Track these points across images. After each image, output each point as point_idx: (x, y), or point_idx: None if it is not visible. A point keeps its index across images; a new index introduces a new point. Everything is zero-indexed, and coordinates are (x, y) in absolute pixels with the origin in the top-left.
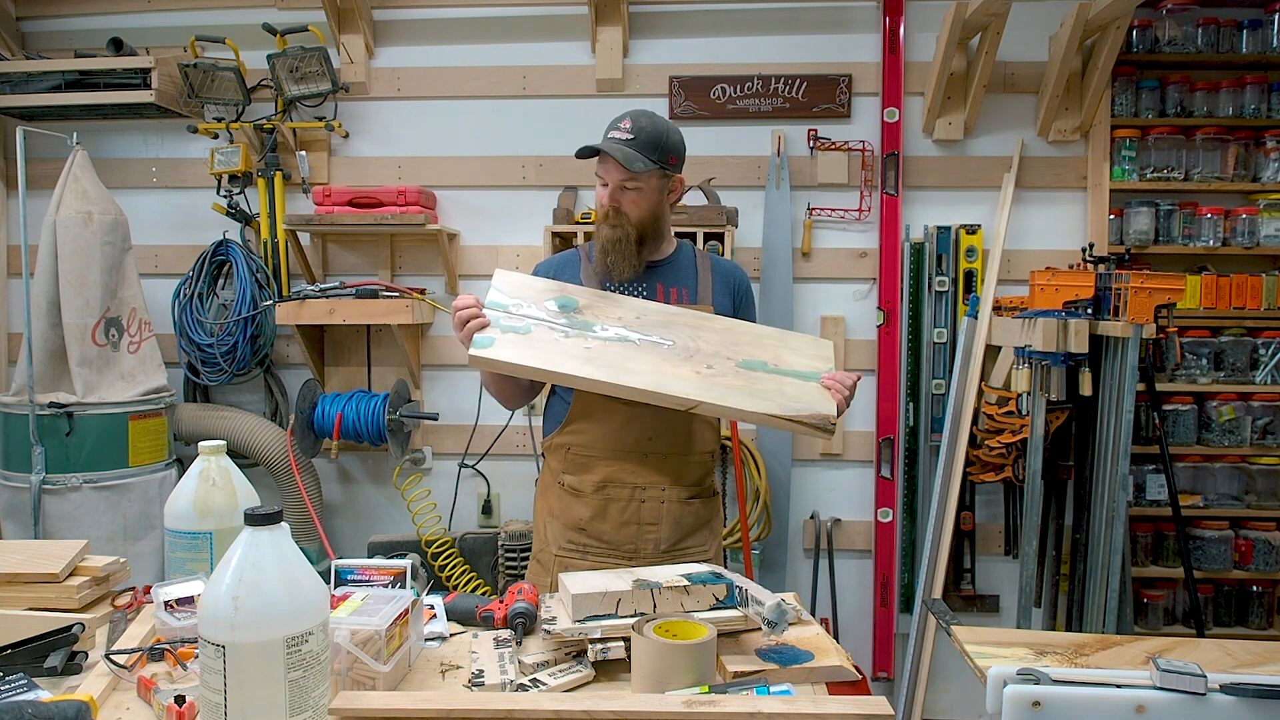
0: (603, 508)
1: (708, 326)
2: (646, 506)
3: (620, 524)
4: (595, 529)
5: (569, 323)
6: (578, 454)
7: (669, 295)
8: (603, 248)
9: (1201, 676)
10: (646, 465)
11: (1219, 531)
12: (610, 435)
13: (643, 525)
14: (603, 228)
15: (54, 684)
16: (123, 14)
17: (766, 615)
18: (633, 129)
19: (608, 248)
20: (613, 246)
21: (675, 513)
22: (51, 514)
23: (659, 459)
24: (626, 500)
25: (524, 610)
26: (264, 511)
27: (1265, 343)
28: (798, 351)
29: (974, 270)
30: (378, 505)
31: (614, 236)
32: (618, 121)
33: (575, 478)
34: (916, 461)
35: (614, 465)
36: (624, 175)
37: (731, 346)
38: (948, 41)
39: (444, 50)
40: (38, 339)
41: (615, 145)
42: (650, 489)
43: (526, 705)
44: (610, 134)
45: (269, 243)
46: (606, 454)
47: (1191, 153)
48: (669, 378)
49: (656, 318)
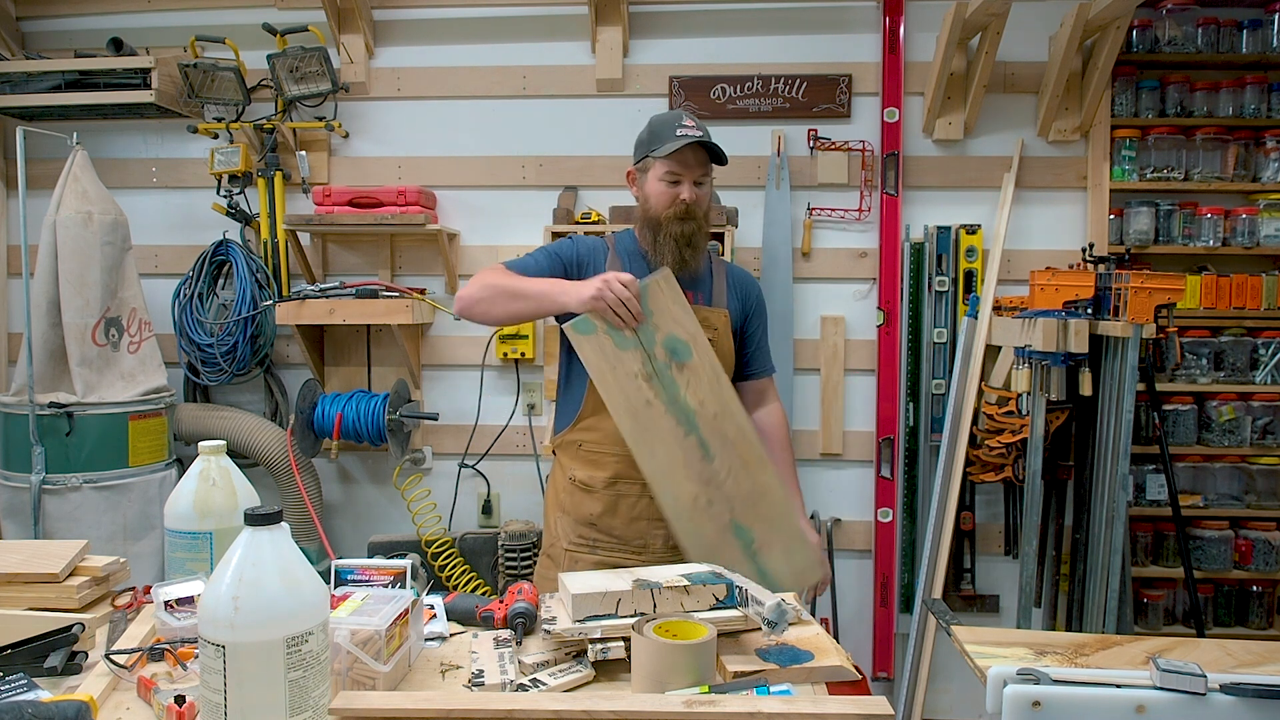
0: (613, 503)
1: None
2: (655, 503)
3: (630, 519)
4: (605, 524)
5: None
6: (589, 450)
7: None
8: (676, 243)
9: (1201, 676)
10: None
11: (1219, 531)
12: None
13: (652, 521)
14: (674, 224)
15: (54, 684)
16: (123, 14)
17: (766, 615)
18: (698, 125)
19: (684, 242)
20: (688, 241)
21: None
22: (51, 514)
23: None
24: (637, 496)
25: (524, 610)
26: (264, 511)
27: (1265, 343)
28: (787, 555)
29: (974, 270)
30: (378, 505)
31: (688, 231)
32: (680, 120)
33: (586, 473)
34: (916, 461)
35: (625, 462)
36: (703, 169)
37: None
38: (948, 41)
39: (444, 50)
40: (38, 339)
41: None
42: None
43: (526, 705)
44: (679, 130)
45: (269, 243)
46: (617, 451)
47: (1191, 153)
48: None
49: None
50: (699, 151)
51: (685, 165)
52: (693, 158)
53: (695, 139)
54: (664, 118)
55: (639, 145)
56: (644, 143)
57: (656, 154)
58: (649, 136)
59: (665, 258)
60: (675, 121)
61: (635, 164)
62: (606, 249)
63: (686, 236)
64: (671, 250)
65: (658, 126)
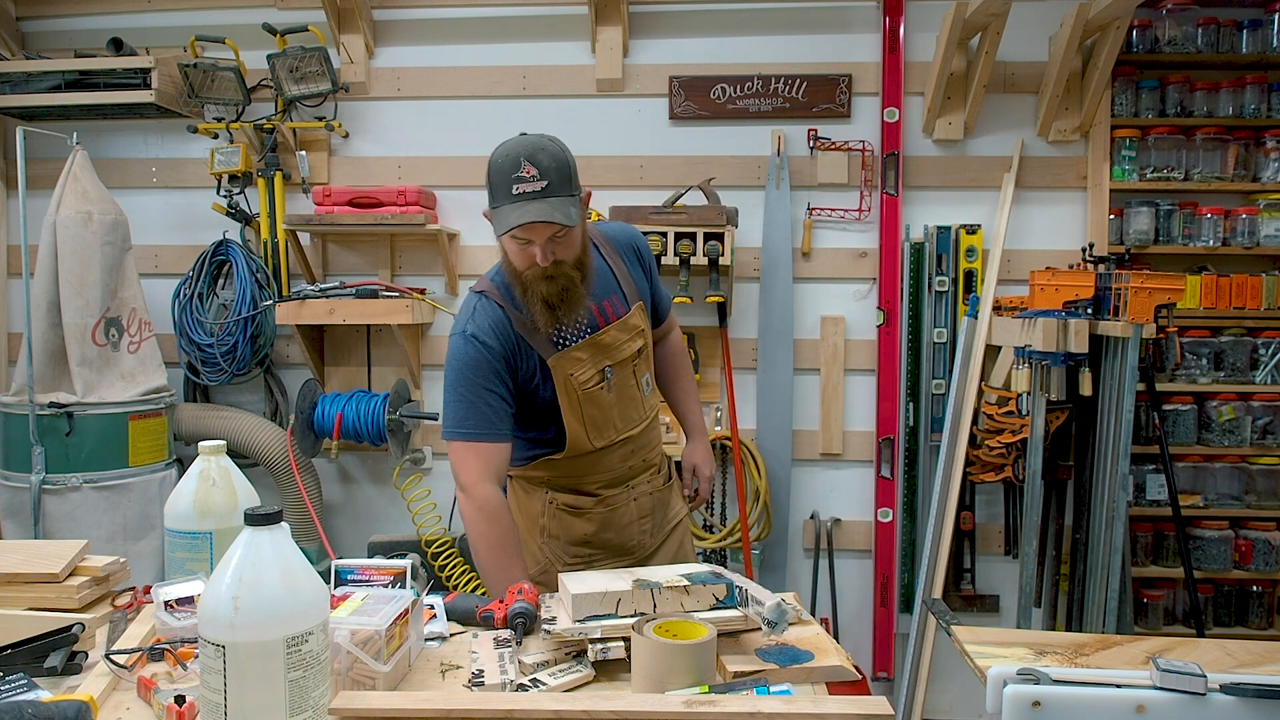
0: (606, 519)
1: None
2: (640, 503)
3: (623, 526)
4: (601, 539)
5: None
6: (564, 482)
7: (604, 312)
8: (545, 304)
9: (1201, 676)
10: (631, 472)
11: (1219, 531)
12: (600, 461)
13: (640, 520)
14: (538, 284)
15: (54, 684)
16: (123, 14)
17: (766, 615)
18: (541, 172)
19: (554, 302)
20: (562, 300)
21: (661, 498)
22: (51, 514)
23: (640, 463)
24: (625, 505)
25: (524, 610)
26: (264, 511)
27: (1265, 343)
28: None
29: (974, 270)
30: (378, 505)
31: (556, 289)
32: (516, 171)
33: (569, 498)
34: (916, 461)
35: (602, 479)
36: (555, 229)
37: None
38: (948, 41)
39: (444, 50)
40: (38, 339)
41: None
42: (639, 485)
43: (526, 705)
44: (515, 187)
45: (269, 243)
46: (595, 475)
47: (1191, 153)
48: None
49: None
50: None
51: (531, 231)
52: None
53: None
54: (499, 164)
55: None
56: (489, 189)
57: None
58: (489, 186)
59: (537, 316)
60: (512, 173)
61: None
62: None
63: (557, 295)
64: (540, 311)
65: (494, 178)
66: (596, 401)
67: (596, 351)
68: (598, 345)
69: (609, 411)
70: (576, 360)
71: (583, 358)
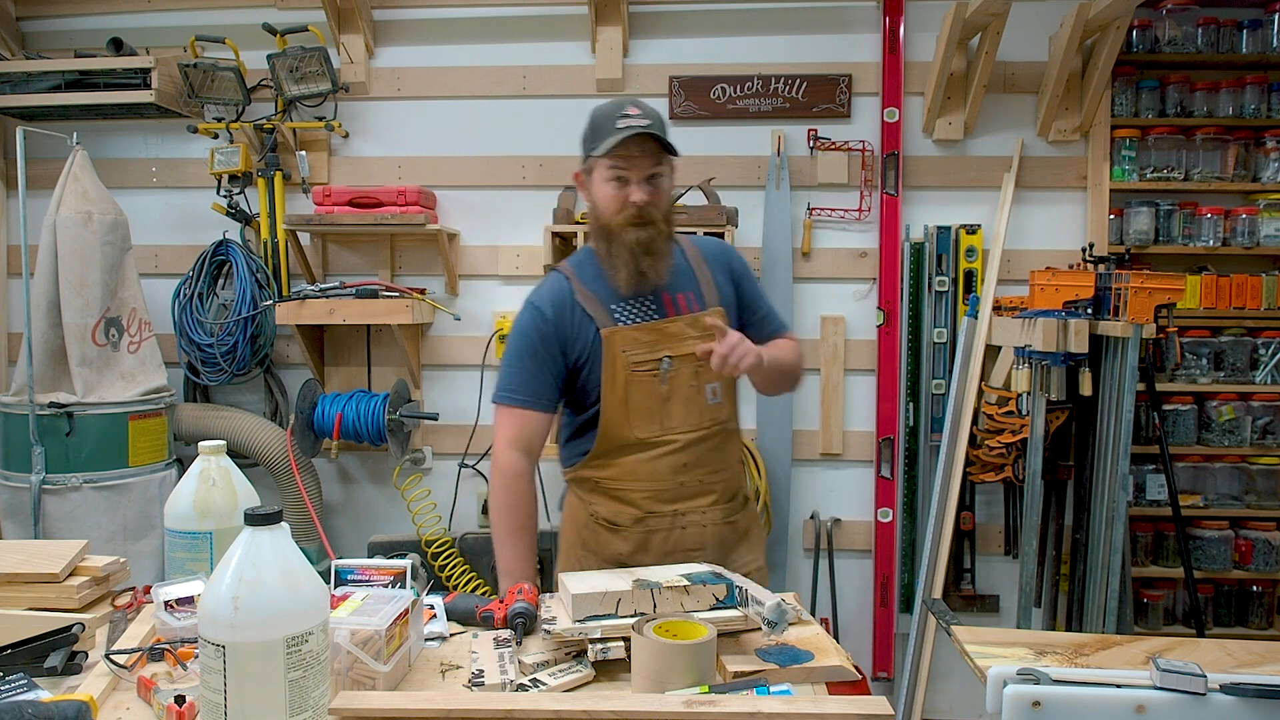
0: (644, 540)
1: None
2: (689, 533)
3: (663, 554)
4: (636, 561)
5: None
6: (609, 488)
7: (677, 304)
8: (632, 253)
9: (1201, 676)
10: (683, 492)
11: (1219, 531)
12: (641, 467)
13: (687, 552)
14: (627, 232)
15: (54, 684)
16: (123, 14)
17: (766, 615)
18: (645, 112)
19: (642, 250)
20: (648, 250)
21: (719, 534)
22: (51, 514)
23: (695, 484)
24: (668, 530)
25: (524, 610)
26: (264, 511)
27: (1265, 343)
28: None
29: (974, 270)
30: (378, 505)
31: (647, 236)
32: (621, 111)
33: (611, 509)
34: (916, 461)
35: (650, 497)
36: (653, 163)
37: None
38: (948, 41)
39: (444, 50)
40: (38, 339)
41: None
42: (690, 514)
43: (526, 705)
44: (620, 122)
45: (269, 243)
46: (641, 486)
47: (1191, 153)
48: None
49: None
50: (647, 142)
51: (630, 160)
52: (638, 149)
53: (637, 129)
54: (605, 109)
55: (582, 143)
56: (585, 142)
57: (596, 152)
58: (590, 133)
59: (620, 271)
60: (617, 112)
61: (580, 168)
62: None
63: (643, 244)
64: (626, 262)
65: (598, 120)
66: (645, 388)
67: (659, 337)
68: (660, 331)
69: (657, 402)
70: (633, 339)
71: (640, 338)
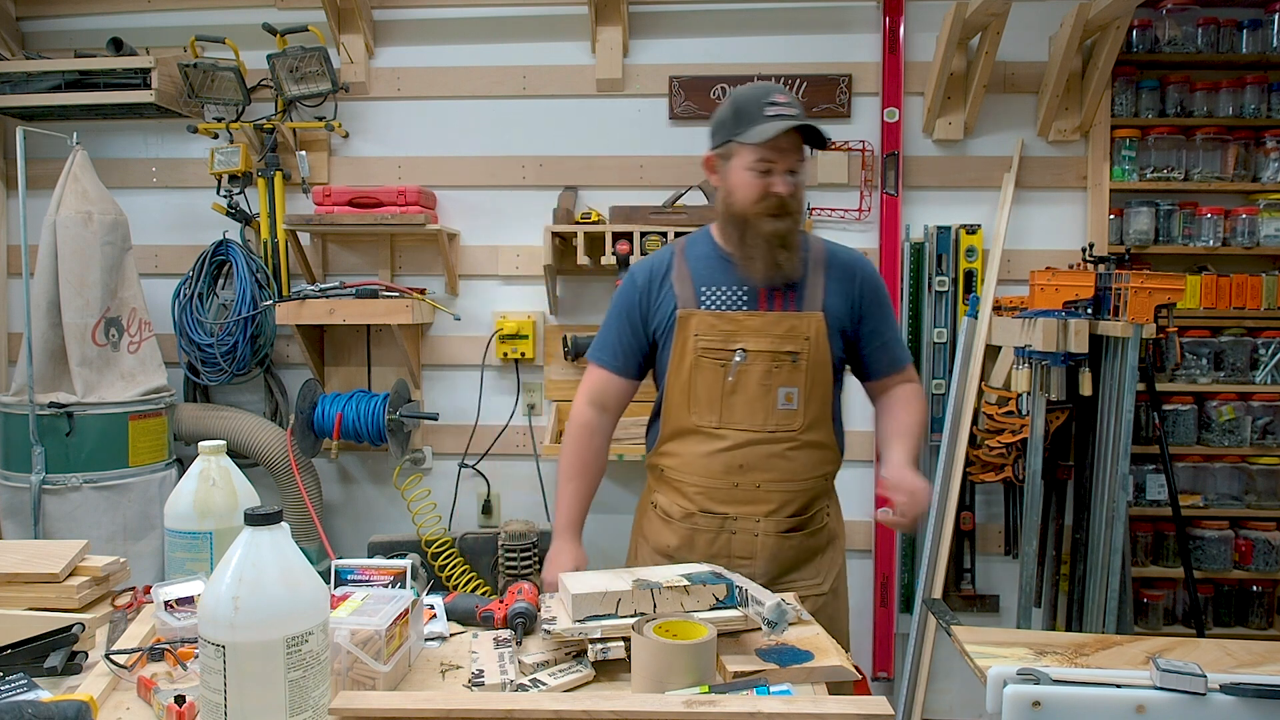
0: (689, 537)
1: None
2: (738, 539)
3: (708, 556)
4: (682, 558)
5: None
6: (670, 477)
7: (772, 300)
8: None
9: (1201, 676)
10: (737, 495)
11: (1219, 531)
12: (697, 460)
13: (733, 559)
14: (763, 222)
15: (54, 684)
16: (123, 14)
17: (766, 615)
18: (791, 101)
19: (774, 243)
20: (783, 241)
21: (772, 547)
22: (51, 514)
23: (751, 489)
24: (715, 532)
25: (524, 610)
26: (264, 511)
27: (1265, 343)
28: None
29: (974, 270)
30: (378, 505)
31: (784, 228)
32: (769, 97)
33: (667, 500)
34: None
35: (703, 494)
36: (799, 156)
37: None
38: (948, 41)
39: (444, 50)
40: (38, 339)
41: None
42: (742, 520)
43: (526, 705)
44: (769, 109)
45: (269, 243)
46: (695, 480)
47: (1191, 153)
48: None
49: None
50: (792, 134)
51: (779, 151)
52: (787, 142)
53: (791, 122)
54: (750, 93)
55: (720, 126)
56: (725, 123)
57: (743, 139)
58: (732, 116)
59: (755, 262)
60: (764, 98)
61: (714, 148)
62: (672, 257)
63: (780, 236)
64: (762, 253)
65: (743, 104)
66: (710, 375)
67: (737, 328)
68: (739, 323)
69: (720, 393)
70: (709, 324)
71: (717, 325)
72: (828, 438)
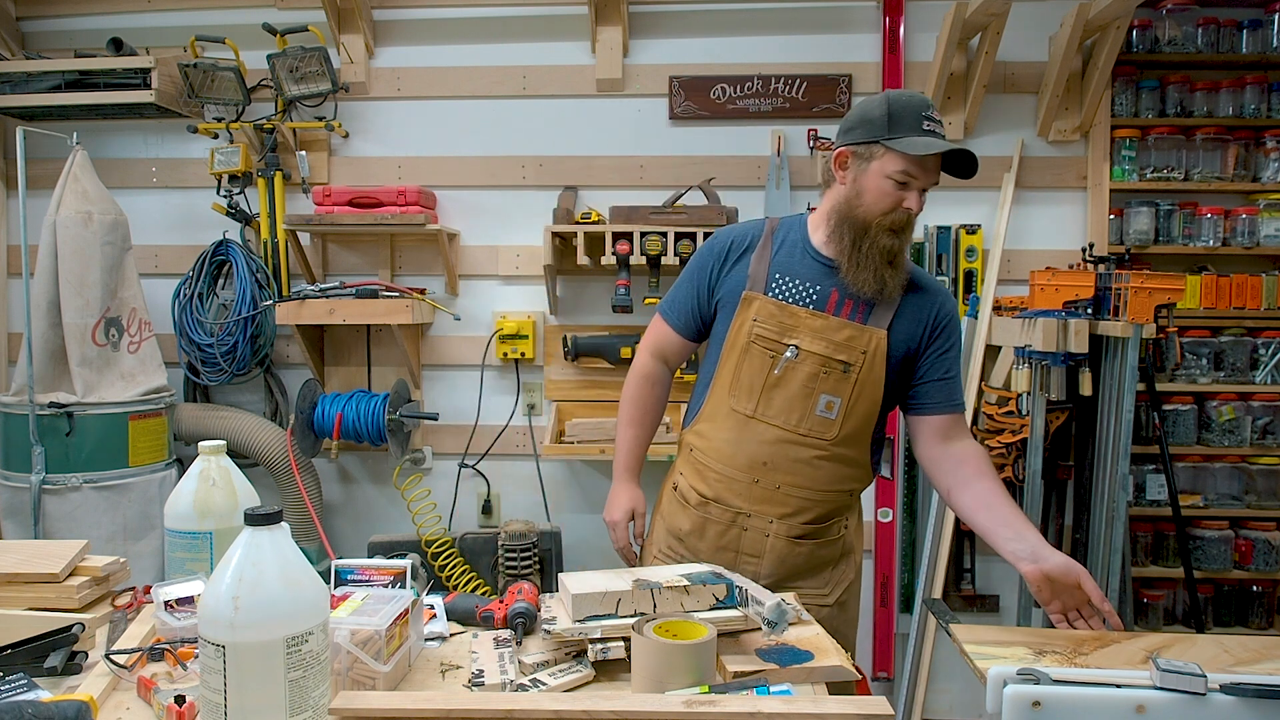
0: (701, 525)
1: None
2: (748, 536)
3: (717, 548)
4: (692, 544)
5: None
6: (696, 458)
7: (842, 306)
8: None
9: (1201, 677)
10: (755, 491)
11: (1219, 531)
12: (724, 447)
13: (741, 555)
14: (883, 236)
15: (54, 684)
16: (123, 14)
17: (766, 615)
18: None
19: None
20: (891, 258)
21: (780, 550)
22: (51, 514)
23: (770, 488)
24: (726, 525)
25: (524, 610)
26: (264, 511)
27: (1265, 343)
28: None
29: (974, 270)
30: (378, 505)
31: (898, 245)
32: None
33: (688, 482)
34: (917, 462)
35: (722, 483)
36: (936, 180)
37: None
38: (948, 41)
39: (444, 50)
40: (38, 339)
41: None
42: (755, 518)
43: (526, 705)
44: (925, 124)
45: (269, 243)
46: (718, 467)
47: (1191, 153)
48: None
49: None
50: (936, 156)
51: (924, 169)
52: (934, 162)
53: (950, 145)
54: (908, 100)
55: (866, 124)
56: (874, 124)
57: (897, 145)
58: (886, 119)
59: (863, 272)
60: (923, 110)
61: (852, 144)
62: (760, 234)
63: (894, 252)
64: (872, 266)
65: (899, 109)
66: (758, 363)
67: (796, 323)
68: (801, 319)
69: (763, 383)
70: (769, 313)
71: (777, 315)
72: (861, 455)
